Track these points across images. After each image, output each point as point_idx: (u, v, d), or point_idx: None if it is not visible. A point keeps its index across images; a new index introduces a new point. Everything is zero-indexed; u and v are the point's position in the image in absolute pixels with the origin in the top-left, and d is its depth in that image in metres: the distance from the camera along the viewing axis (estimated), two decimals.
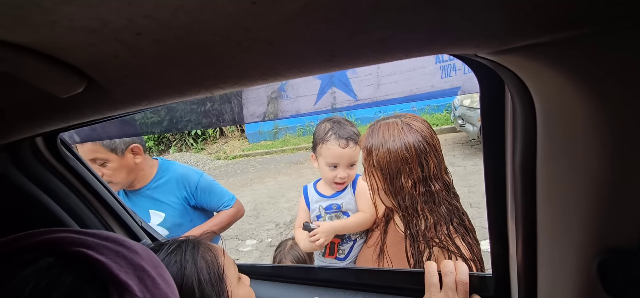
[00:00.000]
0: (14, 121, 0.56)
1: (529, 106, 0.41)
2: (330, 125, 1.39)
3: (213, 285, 0.72)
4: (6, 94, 0.48)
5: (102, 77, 0.40)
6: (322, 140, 1.38)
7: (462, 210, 1.02)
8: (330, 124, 1.39)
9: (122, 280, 0.34)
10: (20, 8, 0.25)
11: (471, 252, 0.94)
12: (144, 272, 0.36)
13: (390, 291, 0.89)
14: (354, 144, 1.35)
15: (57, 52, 0.34)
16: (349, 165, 1.40)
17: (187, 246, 0.75)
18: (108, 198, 0.98)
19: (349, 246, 1.46)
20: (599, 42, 0.29)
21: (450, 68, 3.45)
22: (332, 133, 1.36)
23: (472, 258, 0.93)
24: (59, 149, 0.85)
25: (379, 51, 0.33)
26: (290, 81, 1.11)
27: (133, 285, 0.34)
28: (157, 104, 0.50)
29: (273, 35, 0.31)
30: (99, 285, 0.33)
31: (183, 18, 0.29)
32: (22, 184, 0.80)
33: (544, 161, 0.43)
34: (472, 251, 0.95)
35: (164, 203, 1.63)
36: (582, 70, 0.31)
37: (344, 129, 1.37)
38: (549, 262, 0.51)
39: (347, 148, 1.35)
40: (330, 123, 1.40)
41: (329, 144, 1.36)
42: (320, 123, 1.46)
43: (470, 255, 0.94)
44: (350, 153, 1.36)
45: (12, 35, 0.31)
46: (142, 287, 0.35)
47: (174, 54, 0.35)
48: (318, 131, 1.42)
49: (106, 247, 0.36)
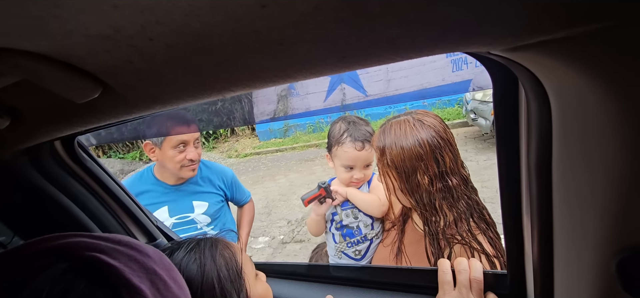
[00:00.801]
0: (34, 126, 0.58)
1: (544, 103, 0.40)
2: (345, 126, 1.36)
3: (232, 281, 0.73)
4: (26, 101, 0.50)
5: (117, 82, 0.41)
6: (338, 142, 1.36)
7: (481, 204, 1.00)
8: (345, 125, 1.36)
9: (135, 285, 0.34)
10: (39, 19, 0.26)
11: (494, 248, 0.91)
12: (157, 276, 0.37)
13: (403, 289, 0.89)
14: (370, 145, 1.33)
15: (74, 60, 0.35)
16: (365, 166, 1.38)
17: (206, 245, 0.76)
18: (124, 199, 1.01)
19: (365, 247, 1.44)
20: (617, 36, 0.28)
21: (461, 62, 3.40)
22: (348, 135, 1.33)
23: (495, 254, 0.90)
24: (77, 152, 0.87)
25: (390, 50, 0.33)
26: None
27: (145, 289, 0.35)
28: (170, 106, 0.51)
29: (283, 37, 0.31)
30: (112, 290, 0.33)
31: (194, 23, 0.29)
32: (42, 186, 0.83)
33: (561, 158, 0.42)
34: (495, 246, 0.92)
35: (205, 194, 1.82)
36: (600, 65, 0.30)
37: (359, 130, 1.34)
38: (566, 260, 0.50)
39: (363, 150, 1.32)
40: (345, 123, 1.38)
41: (345, 147, 1.33)
42: (334, 123, 1.43)
43: (493, 251, 0.91)
44: (366, 155, 1.34)
45: (30, 45, 0.32)
46: (154, 291, 0.36)
47: (185, 58, 0.35)
48: (333, 132, 1.40)
49: (119, 251, 0.37)
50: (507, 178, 0.59)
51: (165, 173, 1.73)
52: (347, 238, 1.46)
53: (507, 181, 0.60)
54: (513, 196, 0.60)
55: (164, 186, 1.74)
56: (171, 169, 1.68)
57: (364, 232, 1.43)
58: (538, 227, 0.51)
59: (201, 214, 1.79)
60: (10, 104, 0.50)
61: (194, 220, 1.78)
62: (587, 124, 0.35)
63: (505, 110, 0.53)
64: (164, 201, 1.72)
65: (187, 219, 1.76)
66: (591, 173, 0.37)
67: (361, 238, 1.43)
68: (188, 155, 1.68)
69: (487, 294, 0.75)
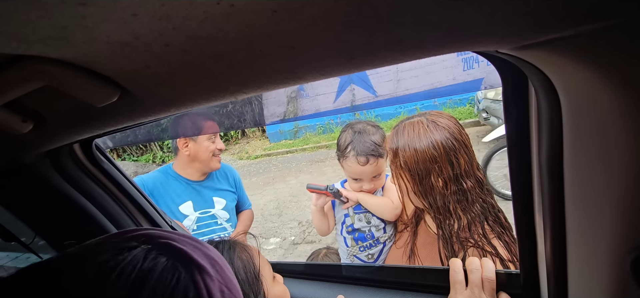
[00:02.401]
0: (55, 129, 0.60)
1: (553, 101, 0.40)
2: (350, 137, 1.31)
3: (250, 284, 0.74)
4: (48, 105, 0.52)
5: (134, 86, 0.43)
6: (343, 155, 1.33)
7: (497, 207, 0.98)
8: (350, 136, 1.32)
9: (201, 263, 0.42)
10: (64, 28, 0.28)
11: (509, 251, 0.90)
12: (214, 261, 0.45)
13: (415, 288, 0.89)
14: (375, 158, 1.28)
15: (94, 65, 0.37)
16: (372, 178, 1.34)
17: (224, 247, 0.78)
18: (140, 200, 1.03)
19: (378, 251, 1.41)
20: (627, 33, 0.28)
21: (472, 60, 3.35)
22: (351, 149, 1.29)
23: (510, 259, 0.89)
24: (95, 154, 0.90)
25: (398, 51, 0.34)
26: None
27: (209, 268, 0.43)
28: (185, 109, 0.52)
29: (294, 40, 0.32)
30: (187, 265, 0.41)
31: (208, 28, 0.30)
32: (62, 187, 0.86)
33: (572, 156, 0.42)
34: (510, 250, 0.90)
35: (223, 191, 1.95)
36: (610, 62, 0.30)
37: (364, 143, 1.28)
38: (579, 258, 0.50)
39: (367, 164, 1.28)
40: (351, 133, 1.33)
41: (349, 162, 1.30)
42: (342, 130, 1.39)
43: (508, 255, 0.89)
44: (371, 169, 1.29)
45: (54, 52, 0.33)
46: (214, 271, 0.43)
47: (200, 62, 0.37)
48: (339, 142, 1.37)
49: (186, 241, 0.45)
50: (519, 176, 0.59)
51: (188, 168, 1.84)
52: (359, 242, 1.43)
53: (519, 179, 0.59)
54: (525, 194, 0.60)
55: (186, 181, 1.85)
56: (204, 158, 1.81)
57: (376, 236, 1.40)
58: (550, 225, 0.51)
59: (221, 209, 1.90)
60: (33, 109, 0.53)
61: (215, 215, 1.87)
62: (597, 121, 0.35)
63: (515, 109, 0.53)
64: (188, 196, 1.83)
65: (209, 214, 1.86)
66: (603, 169, 0.37)
67: (374, 242, 1.40)
68: (217, 145, 1.82)
69: (500, 294, 0.75)
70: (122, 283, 0.36)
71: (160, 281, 0.38)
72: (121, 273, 0.36)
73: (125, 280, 0.36)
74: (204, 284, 0.41)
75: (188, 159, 1.82)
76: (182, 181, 1.84)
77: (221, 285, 0.43)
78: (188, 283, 0.39)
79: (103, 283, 0.36)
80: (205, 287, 0.41)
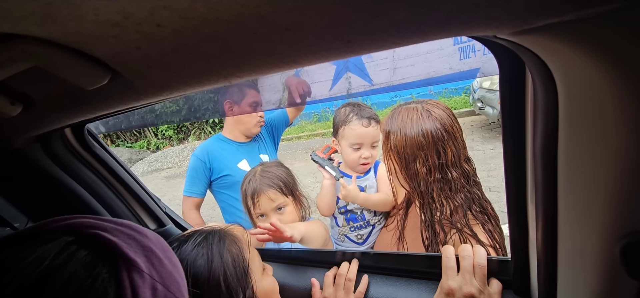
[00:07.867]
0: (45, 113, 0.59)
1: (550, 88, 0.40)
2: (350, 108, 1.43)
3: (239, 279, 0.73)
4: (37, 88, 0.51)
5: (125, 68, 0.42)
6: (344, 122, 1.41)
7: (484, 198, 1.01)
8: (350, 108, 1.43)
9: (131, 258, 0.39)
10: (49, 4, 0.27)
11: (492, 239, 0.93)
12: (152, 253, 0.41)
13: (407, 274, 0.90)
14: (376, 123, 1.39)
15: (83, 46, 0.36)
16: (372, 145, 1.43)
17: (214, 239, 0.75)
18: (133, 185, 1.02)
19: (367, 232, 1.47)
20: (627, 18, 0.27)
21: (469, 49, 3.34)
22: (354, 114, 1.40)
23: (491, 244, 0.92)
24: (87, 139, 0.89)
25: (396, 34, 0.33)
26: (305, 67, 1.11)
27: (141, 262, 0.39)
28: (178, 93, 0.51)
29: (289, 22, 0.31)
30: (110, 259, 0.38)
31: (201, 8, 0.29)
32: (54, 172, 0.85)
33: (566, 144, 0.42)
34: (493, 237, 0.94)
35: (267, 145, 2.18)
36: (608, 48, 0.30)
37: (364, 110, 1.41)
38: (570, 246, 0.50)
39: (369, 126, 1.38)
40: (350, 106, 1.44)
41: (352, 125, 1.39)
42: (338, 108, 1.49)
43: (490, 241, 0.93)
44: (373, 132, 1.40)
45: (41, 31, 0.32)
46: (149, 265, 0.40)
47: (192, 44, 0.36)
48: (338, 115, 1.45)
49: (119, 231, 0.42)
50: (513, 164, 0.59)
51: (235, 131, 2.04)
52: (350, 222, 1.50)
53: (513, 167, 0.60)
54: (518, 182, 0.60)
55: (237, 143, 2.06)
56: (248, 123, 2.00)
57: (367, 218, 1.47)
58: (542, 212, 0.52)
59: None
60: (22, 91, 0.51)
61: None
62: (593, 108, 0.35)
63: (511, 95, 0.52)
64: (242, 155, 2.01)
65: None
66: (596, 158, 0.37)
67: (364, 224, 1.47)
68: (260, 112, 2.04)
69: (491, 280, 0.76)
70: (18, 282, 0.32)
71: (70, 281, 0.34)
72: (22, 271, 0.33)
73: (22, 280, 0.32)
74: (129, 283, 0.37)
75: (233, 121, 2.03)
76: (233, 144, 2.04)
77: (154, 282, 0.39)
78: (108, 283, 0.36)
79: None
80: (130, 286, 0.37)
